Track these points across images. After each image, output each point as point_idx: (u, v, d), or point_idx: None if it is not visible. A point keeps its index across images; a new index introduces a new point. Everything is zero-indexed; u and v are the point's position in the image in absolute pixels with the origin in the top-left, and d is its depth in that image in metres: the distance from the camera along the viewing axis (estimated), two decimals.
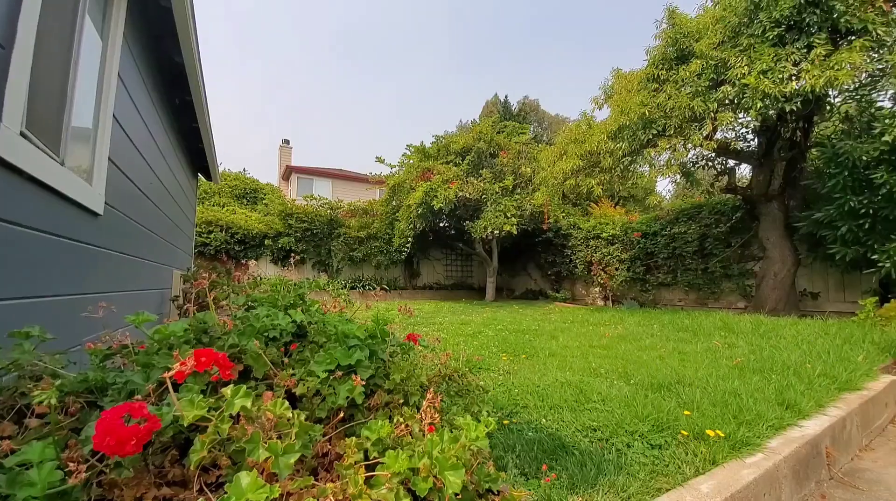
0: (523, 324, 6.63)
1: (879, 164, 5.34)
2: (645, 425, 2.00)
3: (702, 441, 1.88)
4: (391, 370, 1.17)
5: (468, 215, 11.87)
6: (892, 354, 4.33)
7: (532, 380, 2.92)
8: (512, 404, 2.39)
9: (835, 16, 5.03)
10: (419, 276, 15.62)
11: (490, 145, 11.27)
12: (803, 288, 8.14)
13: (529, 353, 4.26)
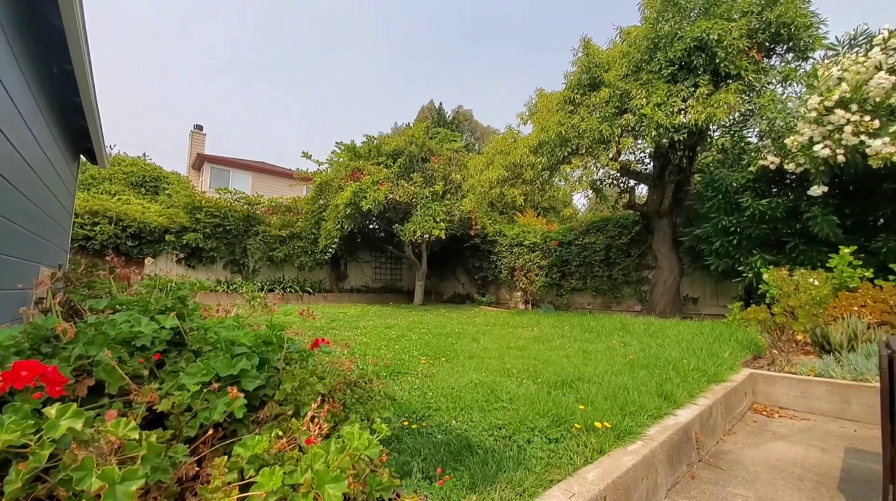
0: (448, 327, 6.72)
1: (746, 190, 6.39)
2: (545, 420, 2.12)
3: (592, 433, 2.05)
4: (284, 380, 1.08)
5: (398, 218, 11.78)
6: (751, 350, 5.14)
7: (448, 382, 2.95)
8: (425, 407, 2.38)
9: (717, 61, 5.94)
10: (346, 278, 15.10)
11: (422, 150, 11.34)
12: (686, 294, 9.41)
13: (450, 355, 4.32)
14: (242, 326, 1.23)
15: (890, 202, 5.31)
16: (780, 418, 3.86)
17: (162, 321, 1.06)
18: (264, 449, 0.81)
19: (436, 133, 12.53)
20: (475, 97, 69.25)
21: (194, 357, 1.04)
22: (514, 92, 70.73)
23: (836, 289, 5.02)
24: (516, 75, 64.32)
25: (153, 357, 1.09)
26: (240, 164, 20.52)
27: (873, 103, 4.77)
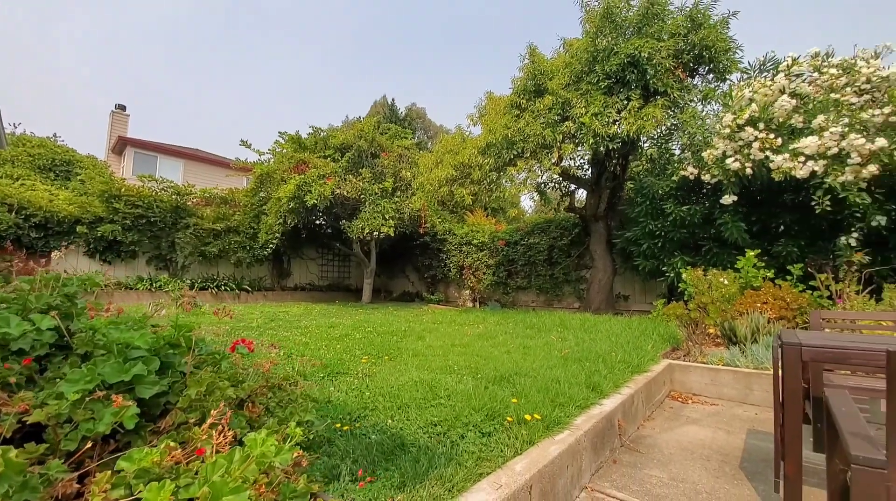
0: (394, 326, 6.66)
1: (669, 197, 6.99)
2: (480, 415, 2.17)
3: (524, 425, 2.13)
4: (189, 385, 1.00)
5: (346, 214, 11.46)
6: (671, 343, 5.62)
7: (389, 381, 2.92)
8: (361, 407, 2.34)
9: (647, 77, 6.44)
10: (290, 276, 14.43)
11: (371, 145, 11.11)
12: (619, 292, 10.12)
13: (393, 354, 4.28)
14: (143, 326, 1.11)
15: (789, 212, 6.07)
16: (694, 404, 4.27)
17: (38, 322, 0.92)
18: (154, 462, 0.74)
19: (386, 129, 12.34)
20: (429, 96, 69.29)
21: (80, 362, 0.92)
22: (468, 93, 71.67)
23: (743, 288, 5.65)
24: (471, 76, 65.27)
25: (30, 362, 0.95)
26: (169, 150, 18.81)
27: (777, 123, 5.43)
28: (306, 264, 14.91)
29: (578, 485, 2.15)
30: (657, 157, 7.08)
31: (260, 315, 7.73)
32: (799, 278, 5.44)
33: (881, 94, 5.20)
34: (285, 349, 4.18)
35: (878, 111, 4.89)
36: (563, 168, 7.47)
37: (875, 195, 5.04)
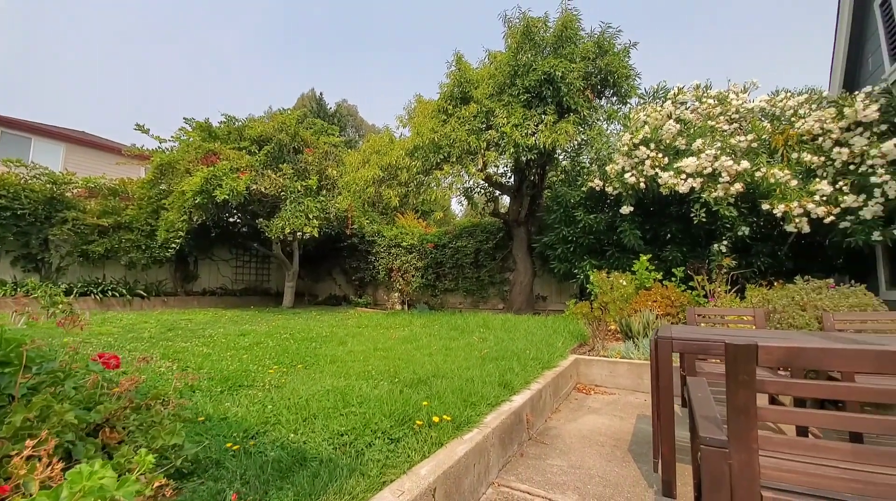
0: (315, 331, 6.35)
1: (580, 206, 7.63)
2: (390, 421, 2.15)
3: (434, 428, 2.15)
4: (14, 410, 0.84)
5: (264, 213, 10.68)
6: (579, 339, 6.11)
7: (298, 392, 2.76)
8: (262, 422, 2.18)
9: (561, 95, 6.98)
10: (196, 279, 13.04)
11: (294, 139, 10.50)
12: (538, 293, 10.79)
13: (309, 362, 4.08)
14: None
15: (675, 222, 6.96)
16: (595, 394, 4.69)
17: None
18: None
19: (312, 124, 11.77)
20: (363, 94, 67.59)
21: None
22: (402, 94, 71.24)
23: (638, 288, 6.36)
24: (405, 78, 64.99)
25: None
26: (47, 131, 15.93)
27: (665, 144, 6.22)
28: (217, 267, 13.60)
29: (486, 482, 2.22)
30: (570, 168, 7.70)
31: (155, 324, 6.88)
32: (681, 279, 6.27)
33: (747, 123, 6.24)
34: (180, 362, 3.76)
35: (744, 138, 5.86)
36: (487, 174, 7.78)
37: (741, 209, 6.00)
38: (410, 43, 67.27)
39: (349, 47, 64.79)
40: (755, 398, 1.10)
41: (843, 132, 5.31)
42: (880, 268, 5.93)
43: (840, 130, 5.28)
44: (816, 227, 5.36)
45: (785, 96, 5.89)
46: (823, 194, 5.08)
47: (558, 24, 7.02)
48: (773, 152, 5.67)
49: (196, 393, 2.80)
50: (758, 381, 1.07)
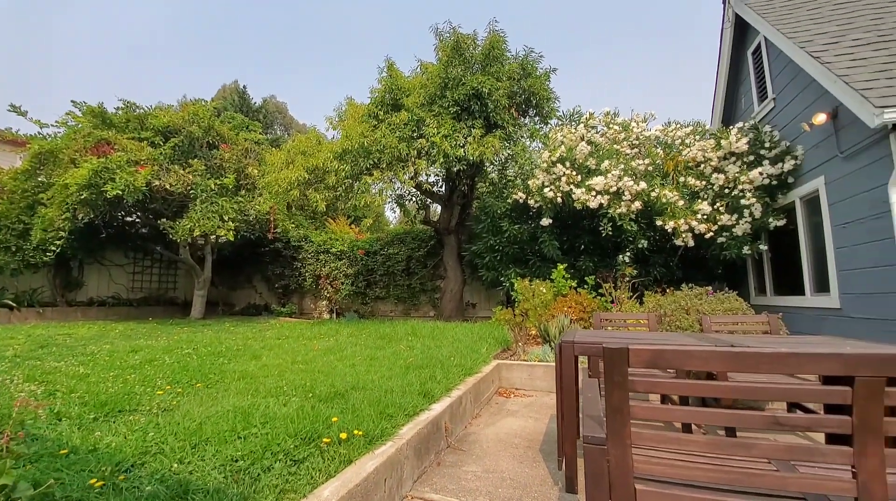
0: (225, 345, 5.81)
1: (506, 217, 7.99)
2: (295, 441, 2.02)
3: (343, 445, 2.06)
4: None
5: (170, 212, 9.59)
6: (502, 344, 6.34)
7: (192, 415, 2.48)
8: (140, 452, 1.91)
9: (488, 110, 7.30)
10: (81, 287, 11.27)
11: (208, 133, 9.59)
12: (468, 300, 11.04)
13: (212, 380, 3.70)
14: None
15: (587, 234, 7.59)
16: (515, 397, 4.89)
17: None
18: None
19: (230, 118, 10.90)
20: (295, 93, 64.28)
21: None
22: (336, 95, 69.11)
23: (556, 295, 6.80)
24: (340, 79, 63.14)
25: None
26: None
27: (578, 163, 6.78)
28: (109, 272, 11.88)
29: (398, 495, 2.18)
30: (497, 181, 8.05)
31: (25, 340, 5.81)
32: (593, 286, 6.84)
33: (645, 149, 7.04)
34: (48, 385, 3.18)
35: (642, 162, 6.60)
36: (418, 183, 7.84)
37: (640, 225, 6.73)
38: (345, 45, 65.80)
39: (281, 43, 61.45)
40: (628, 397, 1.21)
41: (721, 160, 6.24)
42: (750, 277, 7.03)
43: (718, 158, 6.21)
44: (700, 241, 6.21)
45: (675, 127, 6.79)
46: (704, 213, 5.91)
47: (486, 43, 7.37)
48: (665, 176, 6.48)
49: (63, 421, 2.39)
50: (629, 381, 1.19)
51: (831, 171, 4.91)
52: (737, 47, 7.43)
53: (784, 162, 5.59)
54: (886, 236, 4.00)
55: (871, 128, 3.95)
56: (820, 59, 4.66)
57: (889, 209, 3.91)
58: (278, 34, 61.17)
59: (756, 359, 1.10)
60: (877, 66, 4.39)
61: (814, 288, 5.27)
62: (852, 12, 5.50)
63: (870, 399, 1.04)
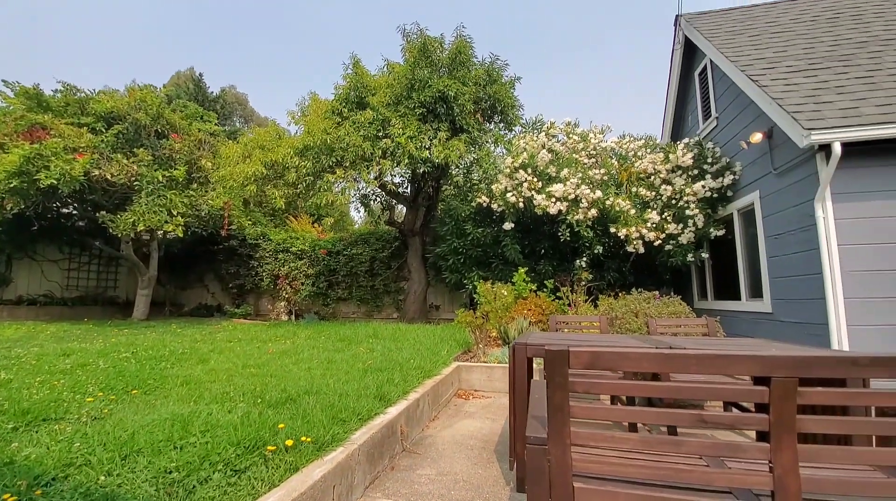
0: (170, 347, 5.45)
1: (469, 220, 8.06)
2: (238, 449, 1.92)
3: (290, 452, 1.98)
4: None
5: (111, 205, 8.89)
6: (464, 346, 6.38)
7: (125, 424, 2.30)
8: (64, 464, 1.75)
9: (454, 114, 7.35)
10: (9, 284, 10.23)
11: (157, 121, 8.98)
12: (431, 302, 11.03)
13: (152, 386, 3.46)
14: None
15: (547, 239, 7.80)
16: (474, 399, 4.92)
17: None
18: None
19: (183, 106, 10.28)
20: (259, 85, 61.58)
21: None
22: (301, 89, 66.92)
23: (517, 298, 6.93)
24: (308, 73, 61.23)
25: None
26: None
27: (539, 170, 6.96)
28: (41, 269, 10.84)
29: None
30: (462, 184, 8.11)
31: None
32: (551, 290, 7.04)
33: (601, 159, 7.35)
34: None
35: (599, 171, 6.89)
36: (383, 183, 7.74)
37: (596, 231, 7.00)
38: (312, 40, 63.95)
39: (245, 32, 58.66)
40: (568, 397, 1.25)
41: (669, 173, 6.64)
42: (694, 283, 7.51)
43: (666, 171, 6.59)
44: (649, 248, 6.56)
45: (629, 140, 7.16)
46: (654, 222, 6.26)
47: (453, 47, 7.42)
48: (619, 185, 6.80)
49: None
50: (570, 382, 1.22)
51: (765, 186, 5.35)
52: (685, 68, 7.94)
53: (724, 177, 6.04)
54: (812, 247, 4.41)
55: (801, 148, 4.35)
56: (758, 82, 5.07)
57: (814, 223, 4.31)
58: (242, 22, 58.38)
59: (684, 360, 1.17)
60: (807, 91, 4.84)
61: (749, 294, 5.71)
62: (787, 41, 6.04)
63: (784, 399, 1.13)
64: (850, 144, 4.12)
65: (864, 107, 4.38)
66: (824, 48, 5.64)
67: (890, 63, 4.99)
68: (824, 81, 4.95)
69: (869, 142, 4.13)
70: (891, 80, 4.71)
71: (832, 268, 4.15)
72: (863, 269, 4.11)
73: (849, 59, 5.28)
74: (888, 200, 4.15)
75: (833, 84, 4.85)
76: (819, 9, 6.84)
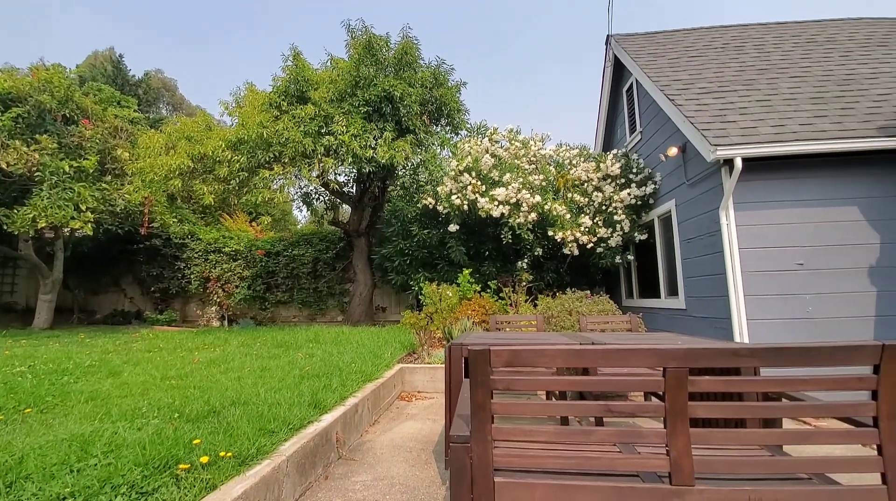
0: (75, 360, 4.85)
1: (415, 221, 8.05)
2: (146, 469, 1.75)
3: (207, 469, 1.85)
4: None
5: (7, 198, 7.72)
6: (409, 348, 6.34)
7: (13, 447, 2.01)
8: None
9: (400, 115, 7.31)
10: None
11: (65, 105, 7.95)
12: (378, 304, 10.86)
13: (50, 403, 3.05)
14: None
15: (491, 241, 8.01)
16: (417, 400, 4.92)
17: None
18: None
19: (97, 90, 9.19)
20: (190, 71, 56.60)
21: None
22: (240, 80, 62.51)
23: (461, 299, 7.04)
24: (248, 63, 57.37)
25: None
26: None
27: (483, 174, 7.14)
28: None
29: None
30: (409, 185, 8.08)
31: None
32: (495, 290, 7.24)
33: (540, 166, 7.70)
34: None
35: (538, 177, 7.21)
36: (326, 181, 7.47)
37: (536, 234, 7.32)
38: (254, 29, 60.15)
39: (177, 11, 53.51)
40: (490, 395, 1.29)
41: (600, 181, 7.12)
42: (622, 283, 8.10)
43: (598, 179, 7.06)
44: (583, 251, 6.98)
45: (566, 149, 7.58)
46: (587, 226, 6.68)
47: (399, 47, 7.39)
48: (557, 191, 7.17)
49: None
50: (491, 379, 1.27)
51: (680, 195, 5.93)
52: (615, 84, 8.58)
53: (647, 186, 6.60)
54: (717, 251, 4.95)
55: (708, 162, 4.87)
56: (674, 101, 5.61)
57: (720, 229, 4.85)
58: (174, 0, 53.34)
59: (592, 355, 1.26)
60: (715, 111, 5.43)
61: (667, 292, 6.29)
62: (701, 65, 6.74)
63: (677, 387, 1.25)
64: (750, 159, 4.69)
65: (761, 127, 5.01)
66: (731, 73, 6.37)
67: (784, 89, 5.76)
68: (730, 102, 5.60)
69: (764, 158, 4.74)
70: (784, 104, 5.43)
71: (734, 269, 4.69)
72: (758, 270, 4.69)
73: (751, 83, 6.01)
74: (777, 209, 4.78)
75: (737, 105, 5.50)
76: (728, 37, 7.73)
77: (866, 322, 4.47)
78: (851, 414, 1.36)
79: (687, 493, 1.24)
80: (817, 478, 1.40)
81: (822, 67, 6.19)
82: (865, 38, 6.91)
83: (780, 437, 1.37)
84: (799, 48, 6.88)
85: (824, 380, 1.28)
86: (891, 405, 1.24)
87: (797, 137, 4.70)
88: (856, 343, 1.25)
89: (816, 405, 1.48)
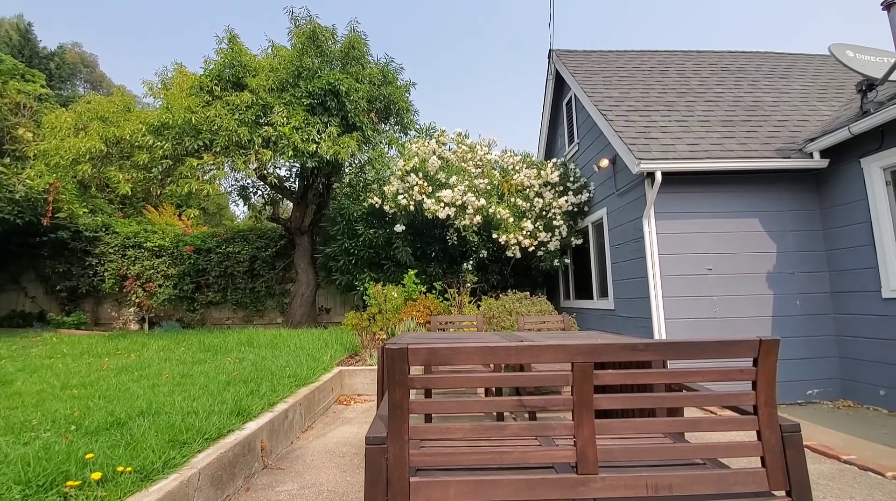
0: None
1: (361, 220, 7.87)
2: (28, 489, 1.55)
3: (103, 485, 1.66)
4: None
5: None
6: (350, 350, 6.18)
7: None
8: None
9: (347, 110, 7.12)
10: None
11: None
12: (321, 305, 10.47)
13: None
14: None
15: (438, 242, 8.05)
16: (356, 404, 4.80)
17: None
18: None
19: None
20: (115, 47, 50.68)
21: None
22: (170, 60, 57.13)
23: (407, 299, 6.99)
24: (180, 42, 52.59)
25: None
26: None
27: (430, 175, 7.16)
28: None
29: None
30: (355, 183, 7.89)
31: None
32: (440, 291, 7.29)
33: (486, 170, 7.89)
34: None
35: (484, 181, 7.38)
36: (263, 174, 7.05)
37: (481, 236, 7.47)
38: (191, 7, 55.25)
39: None
40: (408, 394, 1.29)
41: (541, 187, 7.43)
42: (560, 285, 8.52)
43: (539, 185, 7.37)
44: (525, 254, 7.25)
45: (510, 155, 7.84)
46: (528, 230, 6.94)
47: (346, 41, 7.19)
48: (501, 195, 7.39)
49: None
50: (409, 378, 1.26)
51: (611, 204, 6.37)
52: (556, 96, 9.03)
53: (583, 194, 7.02)
54: (641, 256, 5.37)
55: (633, 174, 5.28)
56: (606, 116, 6.03)
57: (643, 236, 5.27)
58: None
59: (506, 352, 1.30)
60: (640, 128, 5.90)
61: (599, 294, 6.72)
62: (630, 85, 7.30)
63: (583, 381, 1.33)
64: (668, 173, 5.14)
65: (678, 145, 5.52)
66: (655, 94, 6.96)
67: (699, 112, 6.39)
68: (654, 120, 6.11)
69: (681, 173, 5.22)
70: (698, 125, 6.03)
71: (654, 272, 5.11)
72: (675, 274, 5.16)
73: (672, 105, 6.60)
74: (692, 219, 5.29)
75: (659, 124, 6.02)
76: (655, 61, 8.43)
77: (764, 321, 5.07)
78: (735, 403, 1.52)
79: (591, 481, 1.32)
80: (711, 463, 1.56)
81: (733, 93, 6.96)
82: (770, 70, 7.88)
83: (673, 425, 1.50)
84: (714, 76, 7.68)
85: (713, 372, 1.43)
86: (767, 394, 1.41)
87: (709, 155, 5.23)
88: (737, 339, 1.40)
89: (706, 395, 1.65)
